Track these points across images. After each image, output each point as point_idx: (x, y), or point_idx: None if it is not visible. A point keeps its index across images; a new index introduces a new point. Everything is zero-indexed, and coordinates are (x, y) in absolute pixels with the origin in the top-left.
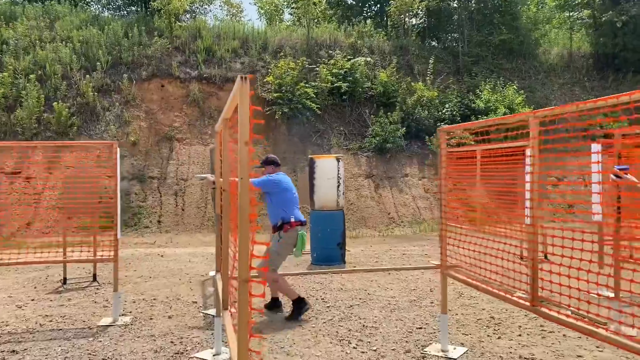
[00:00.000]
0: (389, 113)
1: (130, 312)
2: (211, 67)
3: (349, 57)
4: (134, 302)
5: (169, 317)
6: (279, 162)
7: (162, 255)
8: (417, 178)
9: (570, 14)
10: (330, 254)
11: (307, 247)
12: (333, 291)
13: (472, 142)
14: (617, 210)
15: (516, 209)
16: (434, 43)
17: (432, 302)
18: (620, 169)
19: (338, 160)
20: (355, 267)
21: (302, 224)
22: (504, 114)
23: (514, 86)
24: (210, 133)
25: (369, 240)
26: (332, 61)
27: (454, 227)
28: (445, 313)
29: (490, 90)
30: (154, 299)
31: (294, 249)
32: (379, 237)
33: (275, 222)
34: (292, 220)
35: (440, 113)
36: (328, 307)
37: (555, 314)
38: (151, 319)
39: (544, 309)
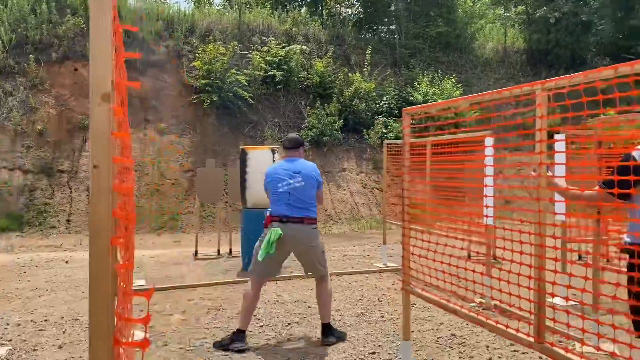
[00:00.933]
0: (325, 104)
1: (11, 340)
2: (132, 50)
3: (283, 44)
4: (19, 325)
5: (60, 347)
6: (289, 143)
7: (67, 261)
8: (355, 173)
9: (504, 11)
10: None
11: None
12: (267, 304)
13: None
14: (597, 210)
15: (465, 206)
16: (369, 34)
17: (382, 316)
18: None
19: (274, 152)
20: (292, 272)
21: (281, 219)
22: (443, 107)
23: (453, 79)
24: (131, 122)
25: None
26: (265, 48)
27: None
28: (408, 339)
29: (428, 83)
30: (45, 320)
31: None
32: None
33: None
34: (268, 214)
35: (378, 106)
36: (262, 326)
37: (577, 358)
38: (35, 349)
39: (557, 349)
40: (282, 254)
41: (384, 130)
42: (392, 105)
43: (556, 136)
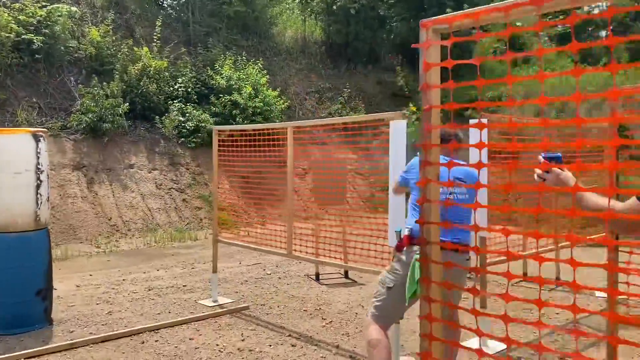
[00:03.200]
0: (104, 83)
1: None
2: None
3: (44, 3)
4: None
5: None
6: (450, 135)
7: None
8: (147, 170)
9: None
10: (22, 311)
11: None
12: None
13: (212, 123)
14: (616, 235)
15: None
16: (157, 6)
17: None
18: (548, 158)
19: (37, 138)
20: (73, 332)
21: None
22: (250, 95)
23: (259, 65)
24: None
25: (84, 262)
26: (17, 5)
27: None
28: None
29: (232, 67)
30: None
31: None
32: (99, 256)
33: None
34: (407, 233)
35: (172, 89)
36: None
37: None
38: None
39: None
40: None
41: (181, 119)
42: (189, 89)
43: (471, 121)
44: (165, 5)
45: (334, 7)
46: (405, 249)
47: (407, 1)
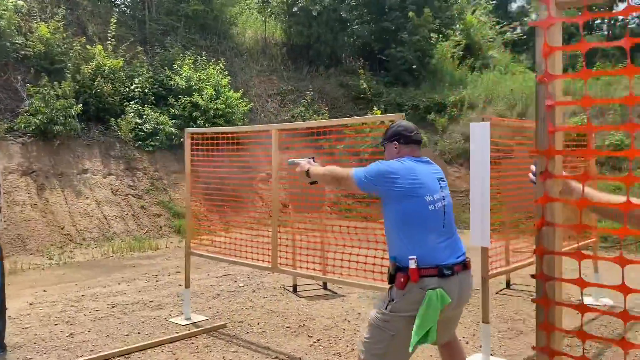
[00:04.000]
0: (55, 83)
1: None
2: None
3: None
4: None
5: None
6: (411, 135)
7: None
8: (102, 175)
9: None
10: None
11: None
12: None
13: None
14: None
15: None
16: (110, 3)
17: None
18: None
19: None
20: None
21: (443, 272)
22: (211, 96)
23: (221, 65)
24: None
25: (36, 276)
26: None
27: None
28: None
29: (192, 67)
30: None
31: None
32: (52, 269)
33: (389, 268)
34: (414, 265)
35: (128, 89)
36: None
37: None
38: None
39: None
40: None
41: (138, 121)
42: (147, 90)
43: (474, 124)
44: (119, 2)
45: (295, 8)
46: (412, 283)
47: (369, 4)
